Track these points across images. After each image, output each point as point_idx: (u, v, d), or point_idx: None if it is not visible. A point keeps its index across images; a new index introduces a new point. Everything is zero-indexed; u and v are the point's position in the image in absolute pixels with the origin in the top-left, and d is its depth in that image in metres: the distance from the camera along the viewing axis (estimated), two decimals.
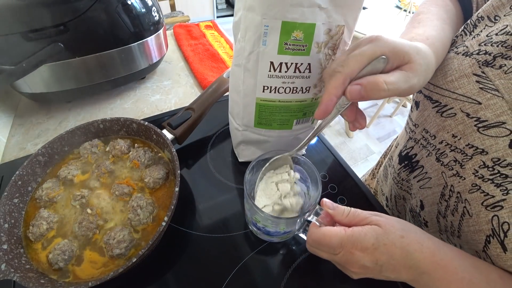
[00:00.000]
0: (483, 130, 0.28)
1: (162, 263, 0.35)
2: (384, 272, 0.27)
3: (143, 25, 0.54)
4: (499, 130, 0.27)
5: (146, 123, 0.42)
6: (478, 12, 0.32)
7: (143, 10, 0.53)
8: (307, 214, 0.30)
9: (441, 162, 0.34)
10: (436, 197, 0.36)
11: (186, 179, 0.45)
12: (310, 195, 0.35)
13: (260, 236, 0.37)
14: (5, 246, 0.30)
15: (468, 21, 0.33)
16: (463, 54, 0.31)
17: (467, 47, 0.31)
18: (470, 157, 0.29)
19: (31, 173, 0.37)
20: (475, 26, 0.32)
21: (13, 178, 0.35)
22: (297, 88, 0.34)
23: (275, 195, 0.33)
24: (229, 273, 0.34)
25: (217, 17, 3.37)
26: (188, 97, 0.62)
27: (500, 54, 0.27)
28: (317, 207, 0.30)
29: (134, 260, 0.28)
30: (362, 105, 2.14)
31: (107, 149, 0.42)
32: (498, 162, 0.27)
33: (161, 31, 0.59)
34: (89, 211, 0.35)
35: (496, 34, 0.28)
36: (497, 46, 0.28)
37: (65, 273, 0.31)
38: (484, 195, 0.28)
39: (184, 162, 0.47)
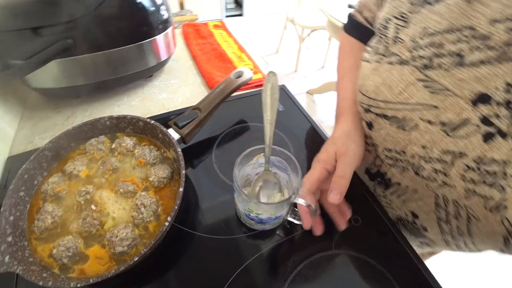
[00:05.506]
0: (452, 133, 0.26)
1: (164, 262, 0.35)
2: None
3: (152, 24, 0.54)
4: (467, 129, 0.25)
5: (153, 121, 0.42)
6: (382, 15, 0.34)
7: (152, 8, 0.53)
8: (292, 197, 0.32)
9: (421, 176, 0.31)
10: (430, 207, 0.33)
11: (191, 179, 0.45)
12: (292, 182, 0.36)
13: (253, 227, 0.38)
14: (9, 239, 0.31)
15: (378, 26, 0.34)
16: (399, 64, 0.30)
17: (398, 55, 0.30)
18: (451, 164, 0.27)
19: (37, 167, 0.38)
20: (386, 27, 0.32)
21: (19, 171, 0.35)
22: None
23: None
24: (230, 275, 0.34)
25: (226, 16, 3.38)
26: (195, 96, 0.62)
27: (434, 54, 0.27)
28: (301, 190, 0.33)
29: (136, 259, 0.28)
30: None
31: (113, 146, 0.42)
32: (481, 161, 0.25)
33: (169, 29, 0.59)
34: (93, 207, 0.35)
35: (421, 38, 0.28)
36: (427, 48, 0.27)
37: (69, 268, 0.31)
38: (483, 198, 0.26)
39: (189, 161, 0.47)
